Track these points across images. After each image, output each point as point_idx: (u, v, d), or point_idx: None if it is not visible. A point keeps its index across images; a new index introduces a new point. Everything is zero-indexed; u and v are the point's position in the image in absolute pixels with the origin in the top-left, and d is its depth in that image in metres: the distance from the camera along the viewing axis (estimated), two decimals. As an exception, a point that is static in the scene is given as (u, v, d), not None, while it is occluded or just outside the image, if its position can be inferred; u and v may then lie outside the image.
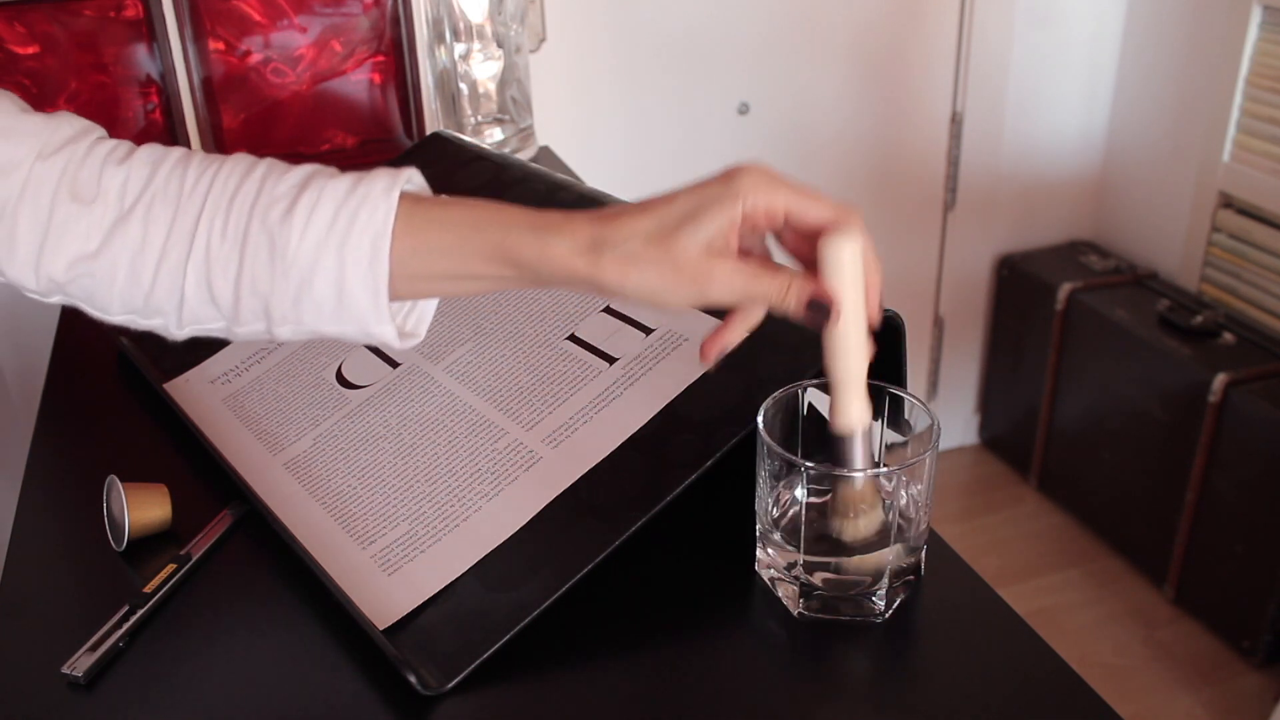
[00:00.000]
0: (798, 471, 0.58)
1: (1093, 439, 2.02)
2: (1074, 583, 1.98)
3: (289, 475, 0.71)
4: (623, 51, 1.78)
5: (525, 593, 0.58)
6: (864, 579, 0.59)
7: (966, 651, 0.58)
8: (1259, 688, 1.73)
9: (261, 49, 1.28)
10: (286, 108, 1.31)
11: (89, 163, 0.56)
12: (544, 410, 0.68)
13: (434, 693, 0.56)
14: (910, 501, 0.59)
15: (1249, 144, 1.87)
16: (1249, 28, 1.83)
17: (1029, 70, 2.04)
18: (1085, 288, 2.02)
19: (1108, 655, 1.82)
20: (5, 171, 0.54)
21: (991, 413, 2.31)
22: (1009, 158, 2.10)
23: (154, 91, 1.26)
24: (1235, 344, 1.80)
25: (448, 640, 0.58)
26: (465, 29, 1.27)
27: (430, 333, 0.79)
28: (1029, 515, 2.15)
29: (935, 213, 2.12)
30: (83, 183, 0.55)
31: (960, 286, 2.20)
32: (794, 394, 0.61)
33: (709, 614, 0.61)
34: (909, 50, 1.96)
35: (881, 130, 2.00)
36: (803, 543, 0.58)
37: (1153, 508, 1.89)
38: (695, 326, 0.70)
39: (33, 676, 0.59)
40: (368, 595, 0.61)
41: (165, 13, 1.21)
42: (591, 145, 1.78)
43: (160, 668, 0.59)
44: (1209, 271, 1.98)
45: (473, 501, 0.65)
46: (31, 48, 1.20)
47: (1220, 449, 1.74)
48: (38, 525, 0.72)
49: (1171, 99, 2.01)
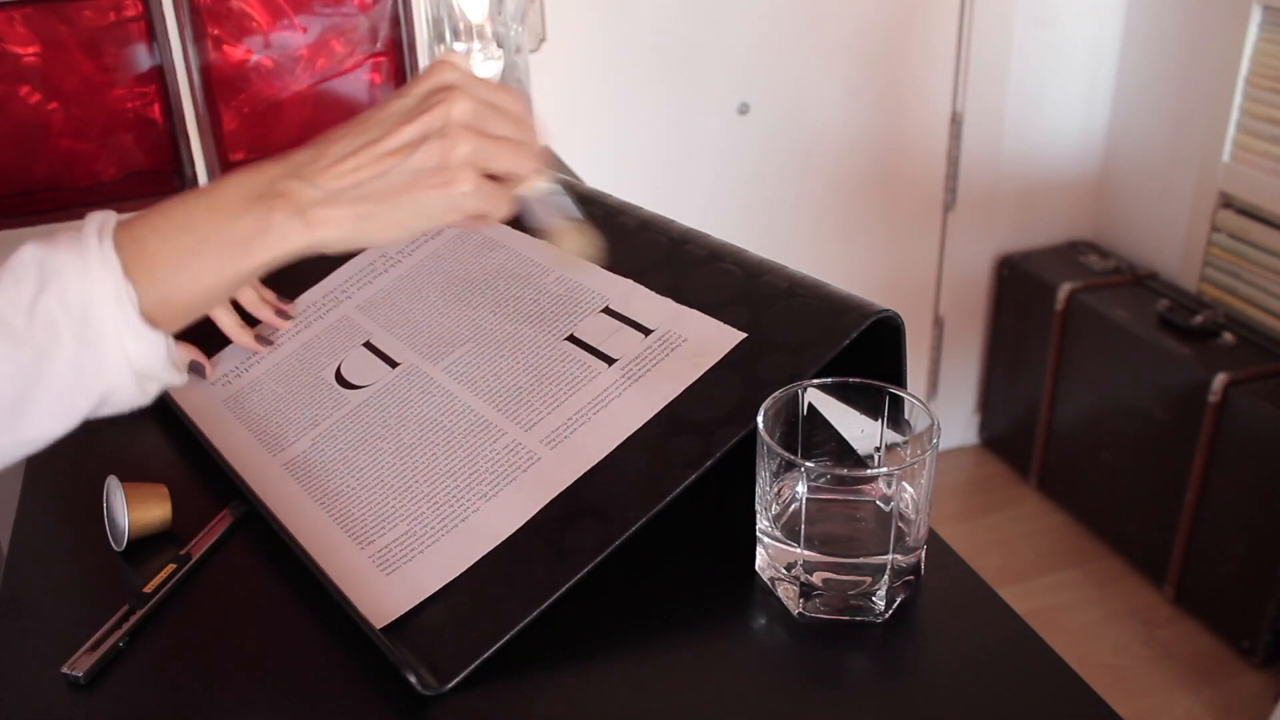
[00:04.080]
0: (798, 471, 0.58)
1: (1093, 439, 2.02)
2: (1074, 583, 1.98)
3: (288, 475, 0.71)
4: (622, 51, 1.78)
5: (525, 593, 0.58)
6: (864, 579, 0.59)
7: (966, 651, 0.58)
8: (1259, 688, 1.73)
9: (261, 49, 1.28)
10: (286, 108, 1.31)
11: None
12: (543, 411, 0.68)
13: (434, 693, 0.56)
14: (910, 502, 0.59)
15: (1249, 144, 1.87)
16: (1249, 28, 1.83)
17: (1029, 70, 2.04)
18: (1085, 288, 2.02)
19: (1108, 655, 1.82)
20: None
21: (991, 413, 2.31)
22: (1009, 158, 2.10)
23: (154, 91, 1.26)
24: (1235, 344, 1.80)
25: (448, 640, 0.58)
26: (465, 29, 1.27)
27: (430, 333, 0.79)
28: (1029, 515, 2.15)
29: (935, 213, 2.12)
30: None
31: (960, 286, 2.20)
32: (794, 394, 0.61)
33: (709, 614, 0.61)
34: (909, 50, 1.96)
35: (881, 130, 2.00)
36: (803, 542, 0.58)
37: (1153, 508, 1.89)
38: (695, 327, 0.70)
39: (33, 676, 0.59)
40: (365, 594, 0.61)
41: (165, 13, 1.21)
42: (591, 145, 1.78)
43: (160, 668, 0.59)
44: (1209, 271, 1.98)
45: (471, 502, 0.65)
46: (31, 48, 1.20)
47: (1220, 449, 1.74)
48: (38, 525, 0.72)
49: (1171, 99, 2.01)
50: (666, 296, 0.73)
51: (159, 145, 1.28)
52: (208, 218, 0.53)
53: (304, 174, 0.54)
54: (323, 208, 0.53)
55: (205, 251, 0.53)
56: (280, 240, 0.53)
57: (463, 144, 0.54)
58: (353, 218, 0.54)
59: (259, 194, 0.53)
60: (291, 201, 0.53)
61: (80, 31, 1.21)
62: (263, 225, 0.53)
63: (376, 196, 0.54)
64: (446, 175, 0.55)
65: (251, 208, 0.53)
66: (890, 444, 0.62)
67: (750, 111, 1.89)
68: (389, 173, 0.54)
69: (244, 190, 0.54)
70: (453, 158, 0.54)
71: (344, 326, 0.84)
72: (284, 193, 0.53)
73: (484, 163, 0.56)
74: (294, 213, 0.53)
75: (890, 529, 0.58)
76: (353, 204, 0.54)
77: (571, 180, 0.89)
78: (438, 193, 0.55)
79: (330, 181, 0.54)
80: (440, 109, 0.55)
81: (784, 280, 0.70)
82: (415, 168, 0.54)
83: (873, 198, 2.05)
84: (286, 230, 0.53)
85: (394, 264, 0.88)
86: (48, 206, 1.26)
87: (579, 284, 0.77)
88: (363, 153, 0.54)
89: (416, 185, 0.54)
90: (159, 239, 0.53)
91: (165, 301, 0.52)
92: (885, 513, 0.59)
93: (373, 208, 0.54)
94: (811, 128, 1.95)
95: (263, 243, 0.53)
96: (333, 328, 0.84)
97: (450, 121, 0.55)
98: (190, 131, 1.26)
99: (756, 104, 1.89)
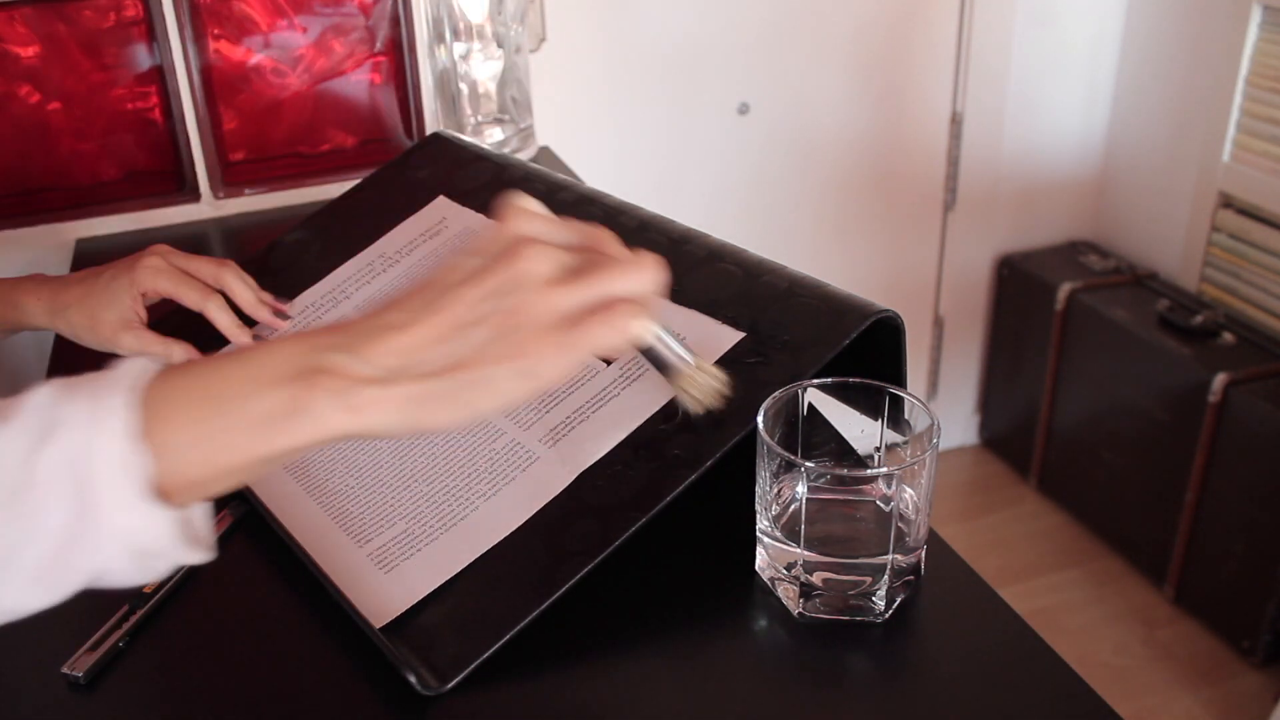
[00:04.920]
0: (798, 471, 0.58)
1: (1093, 439, 2.02)
2: (1074, 583, 1.98)
3: (288, 475, 0.71)
4: (623, 51, 1.78)
5: (525, 593, 0.58)
6: (864, 579, 0.59)
7: (966, 651, 0.58)
8: (1259, 688, 1.73)
9: (261, 49, 1.28)
10: (286, 108, 1.31)
11: None
12: (542, 410, 0.68)
13: (433, 693, 0.56)
14: (910, 502, 0.59)
15: (1249, 144, 1.87)
16: (1249, 28, 1.83)
17: (1029, 70, 2.04)
18: (1085, 288, 2.02)
19: (1108, 655, 1.82)
20: None
21: (991, 413, 2.31)
22: (1009, 158, 2.10)
23: (154, 92, 1.26)
24: (1235, 344, 1.80)
25: (447, 640, 0.58)
26: (465, 29, 1.27)
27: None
28: (1029, 515, 2.15)
29: (935, 213, 2.12)
30: None
31: (960, 286, 2.20)
32: (794, 394, 0.61)
33: (709, 614, 0.61)
34: (909, 50, 1.96)
35: (881, 130, 2.00)
36: (803, 542, 0.58)
37: (1153, 508, 1.89)
38: (694, 326, 0.70)
39: (33, 676, 0.59)
40: (364, 593, 0.61)
41: (165, 13, 1.21)
42: (592, 145, 1.77)
43: (160, 668, 0.59)
44: (1209, 271, 1.98)
45: (470, 501, 0.65)
46: (31, 48, 1.20)
47: (1220, 449, 1.74)
48: (37, 525, 0.71)
49: (1171, 99, 2.01)
50: (666, 296, 0.73)
51: (159, 145, 1.28)
52: (239, 387, 0.45)
53: (355, 346, 0.46)
54: (372, 388, 0.45)
55: (228, 426, 0.45)
56: (317, 424, 0.45)
57: (538, 306, 0.47)
58: (407, 400, 0.46)
59: (300, 368, 0.45)
60: (336, 380, 0.45)
61: (80, 31, 1.21)
62: (298, 405, 0.45)
63: (437, 374, 0.46)
64: (519, 345, 0.46)
65: (289, 383, 0.45)
66: (890, 444, 0.62)
67: (750, 111, 1.89)
68: (453, 347, 0.46)
69: (285, 360, 0.46)
70: (525, 323, 0.46)
71: (344, 326, 0.83)
72: (329, 369, 0.45)
73: (566, 311, 0.47)
74: (337, 393, 0.45)
75: (890, 529, 0.58)
76: (409, 384, 0.46)
77: (572, 180, 0.89)
78: (509, 366, 0.46)
79: (383, 356, 0.46)
80: (509, 267, 0.47)
81: (784, 280, 0.70)
82: (483, 338, 0.46)
83: (873, 198, 2.05)
84: (326, 414, 0.45)
85: (393, 264, 0.88)
86: (48, 206, 1.26)
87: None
88: (423, 323, 0.46)
89: (484, 359, 0.46)
90: (185, 401, 0.45)
91: (178, 474, 0.44)
92: (885, 513, 0.59)
93: (432, 387, 0.46)
94: (811, 128, 1.95)
95: (296, 425, 0.45)
96: (333, 328, 0.84)
97: (522, 281, 0.47)
98: (190, 131, 1.26)
99: (756, 104, 1.89)
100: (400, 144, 1.37)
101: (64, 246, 1.25)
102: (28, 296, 0.85)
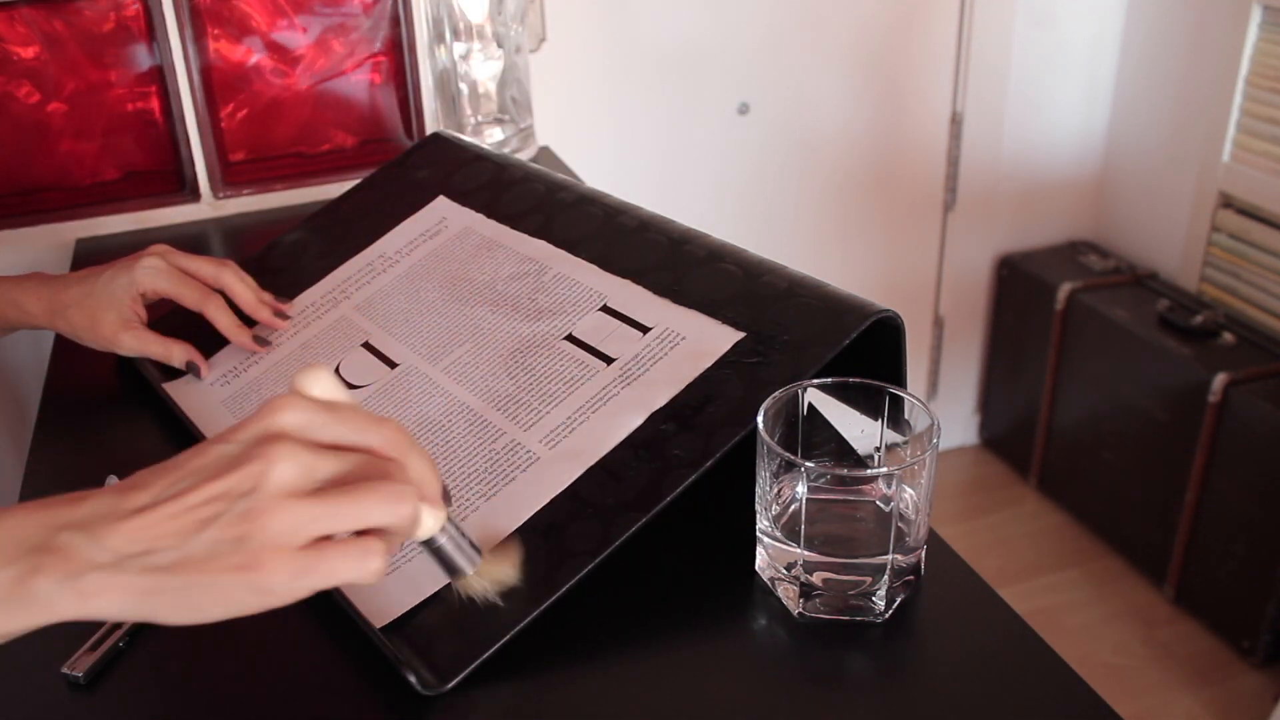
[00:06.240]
0: (798, 471, 0.58)
1: (1093, 439, 2.02)
2: (1074, 583, 1.98)
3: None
4: (623, 51, 1.78)
5: (525, 593, 0.58)
6: (864, 579, 0.59)
7: (966, 651, 0.58)
8: (1259, 688, 1.73)
9: (261, 49, 1.28)
10: (286, 108, 1.31)
11: None
12: (542, 410, 0.68)
13: (434, 693, 0.56)
14: (910, 502, 0.59)
15: (1249, 144, 1.87)
16: (1249, 28, 1.83)
17: (1029, 70, 2.04)
18: (1085, 288, 2.02)
19: (1108, 655, 1.82)
20: None
21: (991, 413, 2.31)
22: (1009, 158, 2.10)
23: (154, 92, 1.26)
24: (1235, 344, 1.80)
25: (448, 640, 0.58)
26: (465, 29, 1.27)
27: (429, 333, 0.79)
28: (1029, 515, 2.15)
29: (935, 213, 2.12)
30: None
31: (960, 286, 2.20)
32: (794, 394, 0.61)
33: (709, 614, 0.61)
34: (909, 50, 1.96)
35: (881, 130, 2.00)
36: (803, 542, 0.58)
37: (1153, 508, 1.89)
38: (694, 326, 0.70)
39: (33, 676, 0.59)
40: (365, 592, 0.61)
41: (165, 12, 1.21)
42: (592, 145, 1.77)
43: (160, 668, 0.59)
44: (1209, 271, 1.98)
45: (470, 501, 0.65)
46: (31, 48, 1.20)
47: (1220, 449, 1.74)
48: (37, 525, 0.71)
49: (1171, 99, 2.01)
50: (666, 296, 0.73)
51: (159, 145, 1.28)
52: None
53: (92, 526, 0.43)
54: (102, 574, 0.42)
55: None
56: (44, 608, 0.42)
57: (273, 518, 0.42)
58: (137, 591, 0.43)
59: (33, 544, 0.43)
60: (66, 563, 0.42)
61: (80, 31, 1.21)
62: (24, 588, 0.42)
63: (169, 569, 0.43)
64: (252, 556, 0.43)
65: (17, 559, 0.42)
66: (890, 444, 0.62)
67: (750, 111, 1.89)
68: (186, 542, 0.43)
69: (19, 535, 0.43)
70: (257, 536, 0.42)
71: (343, 327, 0.84)
72: (60, 549, 0.42)
73: (310, 533, 0.43)
74: (64, 578, 0.42)
75: (890, 529, 0.58)
76: (140, 575, 0.43)
77: (572, 180, 0.89)
78: (239, 578, 0.43)
79: (120, 541, 0.43)
80: (249, 465, 0.43)
81: (784, 280, 0.70)
82: (214, 540, 0.42)
83: (873, 198, 2.05)
84: (53, 597, 0.42)
85: (393, 264, 0.88)
86: (48, 206, 1.26)
87: (577, 283, 0.77)
88: (160, 509, 0.43)
89: (215, 565, 0.43)
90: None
91: None
92: (885, 513, 0.59)
93: (162, 582, 0.43)
94: (811, 128, 1.95)
95: (21, 607, 0.42)
96: (331, 328, 0.84)
97: (260, 485, 0.43)
98: (190, 131, 1.26)
99: (756, 104, 1.89)
100: (400, 144, 1.37)
101: (64, 246, 1.25)
102: (27, 296, 0.85)
